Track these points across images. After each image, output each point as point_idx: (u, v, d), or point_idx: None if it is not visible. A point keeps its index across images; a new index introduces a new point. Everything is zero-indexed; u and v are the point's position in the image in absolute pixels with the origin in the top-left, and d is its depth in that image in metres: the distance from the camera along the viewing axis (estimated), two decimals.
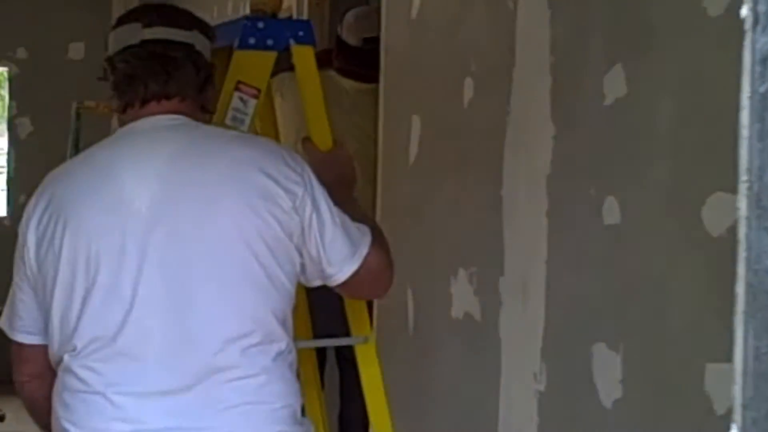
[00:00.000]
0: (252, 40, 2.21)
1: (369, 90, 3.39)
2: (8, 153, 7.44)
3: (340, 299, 2.21)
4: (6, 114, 7.47)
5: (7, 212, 7.39)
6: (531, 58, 2.32)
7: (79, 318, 1.73)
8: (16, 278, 1.85)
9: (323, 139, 2.24)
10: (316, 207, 1.78)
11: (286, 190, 1.75)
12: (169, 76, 1.82)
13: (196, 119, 1.86)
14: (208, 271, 1.73)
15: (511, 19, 2.42)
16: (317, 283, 1.88)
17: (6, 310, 1.88)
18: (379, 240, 1.90)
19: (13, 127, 7.38)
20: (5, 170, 7.59)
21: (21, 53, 7.30)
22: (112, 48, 1.87)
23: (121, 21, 1.91)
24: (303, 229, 1.76)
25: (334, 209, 1.82)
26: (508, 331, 2.41)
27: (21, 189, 7.27)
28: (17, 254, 1.83)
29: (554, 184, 2.22)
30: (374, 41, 3.32)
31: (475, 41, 2.64)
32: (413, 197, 3.01)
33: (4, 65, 7.49)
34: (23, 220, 1.82)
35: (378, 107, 3.27)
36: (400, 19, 3.14)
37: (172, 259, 1.72)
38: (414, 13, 3.02)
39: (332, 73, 3.43)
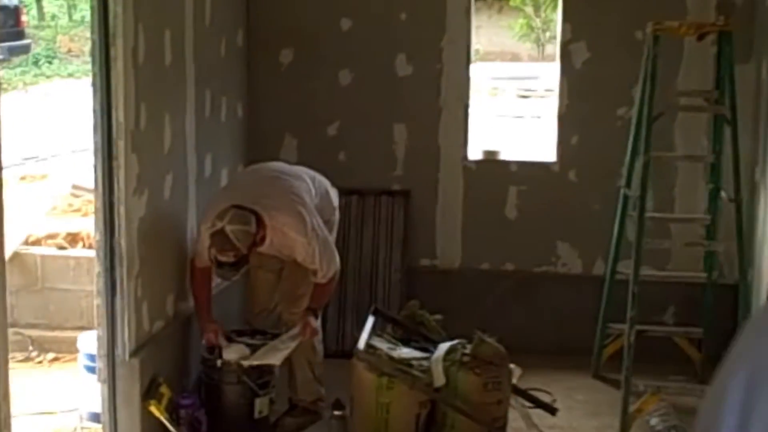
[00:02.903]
0: None
1: None
2: (560, 84, 6.28)
3: None
4: (560, 39, 6.30)
5: (557, 156, 6.26)
6: None
7: None
8: None
9: None
10: None
11: None
12: None
13: None
14: None
15: None
16: None
17: None
18: None
19: (566, 54, 6.22)
20: (556, 105, 6.43)
21: None
22: None
23: None
24: None
25: None
26: None
27: (573, 128, 6.17)
28: None
29: None
30: None
31: None
32: None
33: None
34: None
35: None
36: None
37: None
38: None
39: None
